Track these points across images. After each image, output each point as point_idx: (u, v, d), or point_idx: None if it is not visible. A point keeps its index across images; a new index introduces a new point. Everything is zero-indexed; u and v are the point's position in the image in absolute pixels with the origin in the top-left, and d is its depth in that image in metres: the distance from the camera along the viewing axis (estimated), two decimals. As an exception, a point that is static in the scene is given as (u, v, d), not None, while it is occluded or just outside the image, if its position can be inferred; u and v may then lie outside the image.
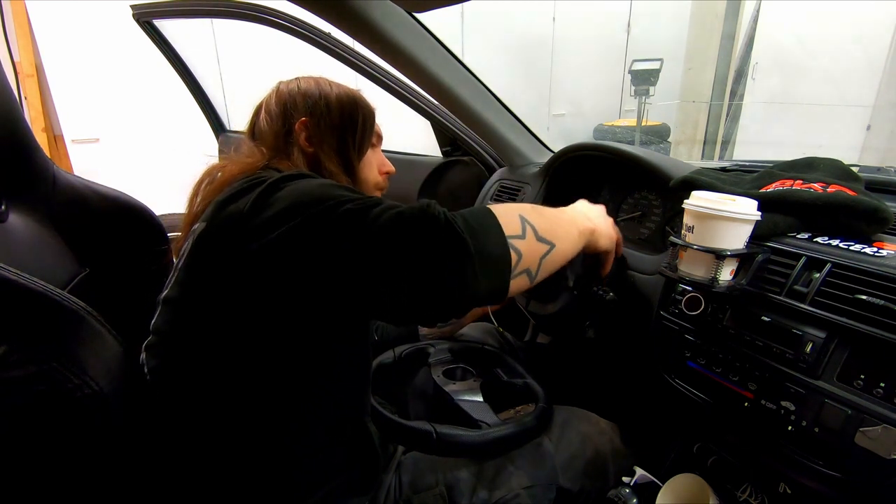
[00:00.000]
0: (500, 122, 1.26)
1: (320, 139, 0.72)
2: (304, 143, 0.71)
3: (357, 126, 0.74)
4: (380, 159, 0.81)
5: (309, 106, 0.72)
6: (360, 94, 0.77)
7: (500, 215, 0.54)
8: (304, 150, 0.71)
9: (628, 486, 0.78)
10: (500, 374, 0.93)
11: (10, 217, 0.62)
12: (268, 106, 0.74)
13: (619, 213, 1.12)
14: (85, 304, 0.49)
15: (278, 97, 0.73)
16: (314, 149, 0.71)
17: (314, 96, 0.73)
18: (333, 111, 0.73)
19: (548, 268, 0.59)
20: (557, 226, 0.62)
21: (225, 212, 0.56)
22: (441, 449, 0.72)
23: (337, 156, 0.73)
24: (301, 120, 0.71)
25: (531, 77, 4.81)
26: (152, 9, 1.43)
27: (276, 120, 0.72)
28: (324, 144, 0.72)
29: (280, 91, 0.74)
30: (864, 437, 0.54)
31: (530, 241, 0.56)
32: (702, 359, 0.72)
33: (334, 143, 0.72)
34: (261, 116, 0.74)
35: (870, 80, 3.67)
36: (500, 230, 0.53)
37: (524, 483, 0.74)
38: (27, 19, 2.65)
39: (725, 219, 0.62)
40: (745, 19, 4.39)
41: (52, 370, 0.41)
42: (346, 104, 0.74)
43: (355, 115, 0.74)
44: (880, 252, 0.62)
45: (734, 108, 4.51)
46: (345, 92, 0.75)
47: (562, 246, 0.61)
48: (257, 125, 0.74)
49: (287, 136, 0.71)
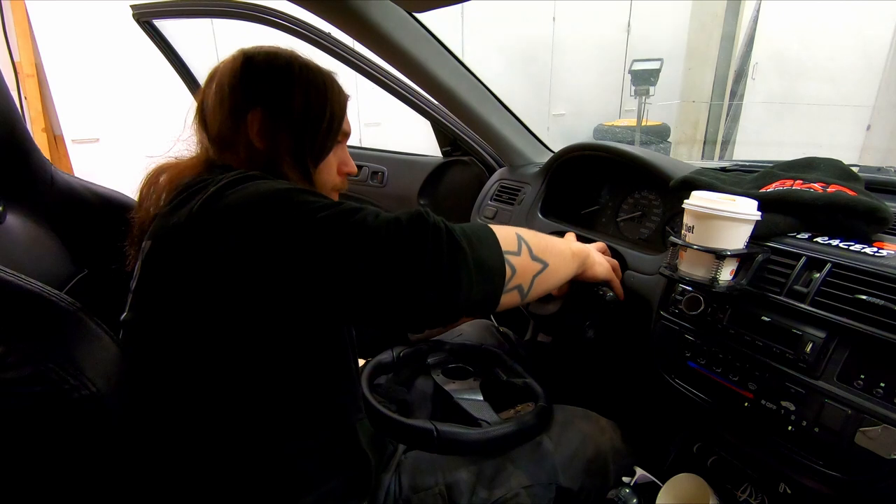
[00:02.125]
0: (500, 122, 1.26)
1: (274, 136, 0.62)
2: (254, 137, 0.62)
3: (320, 125, 0.64)
4: (341, 157, 0.71)
5: (266, 92, 0.62)
6: (333, 79, 0.67)
7: (496, 231, 0.54)
8: (254, 146, 0.62)
9: (628, 486, 0.78)
10: (500, 373, 0.93)
11: (7, 218, 0.61)
12: (220, 80, 0.63)
13: (619, 213, 1.12)
14: (82, 304, 0.49)
15: (234, 71, 0.62)
16: (265, 144, 0.62)
17: (275, 80, 0.62)
18: (295, 104, 0.62)
19: (540, 287, 0.61)
20: (552, 247, 0.64)
21: (169, 226, 0.53)
22: (442, 447, 0.72)
23: (291, 157, 0.63)
24: (255, 110, 0.61)
25: (531, 77, 4.81)
26: (152, 9, 1.43)
27: (226, 101, 0.62)
28: (277, 143, 0.62)
29: (238, 63, 0.63)
30: (864, 437, 0.54)
31: (525, 258, 0.57)
32: (702, 359, 0.72)
33: (290, 143, 0.63)
34: (211, 89, 0.63)
35: (870, 80, 3.67)
36: (497, 243, 0.54)
37: (524, 482, 0.73)
38: (27, 19, 2.65)
39: (725, 219, 0.62)
40: (745, 19, 4.39)
41: (48, 371, 0.41)
42: (312, 97, 0.63)
43: (321, 112, 0.64)
44: (880, 252, 0.61)
45: (734, 108, 4.51)
46: (314, 79, 0.65)
47: (555, 265, 0.62)
48: (206, 101, 0.64)
49: (236, 124, 0.61)
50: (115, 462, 0.54)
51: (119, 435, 0.52)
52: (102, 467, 0.52)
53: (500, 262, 0.53)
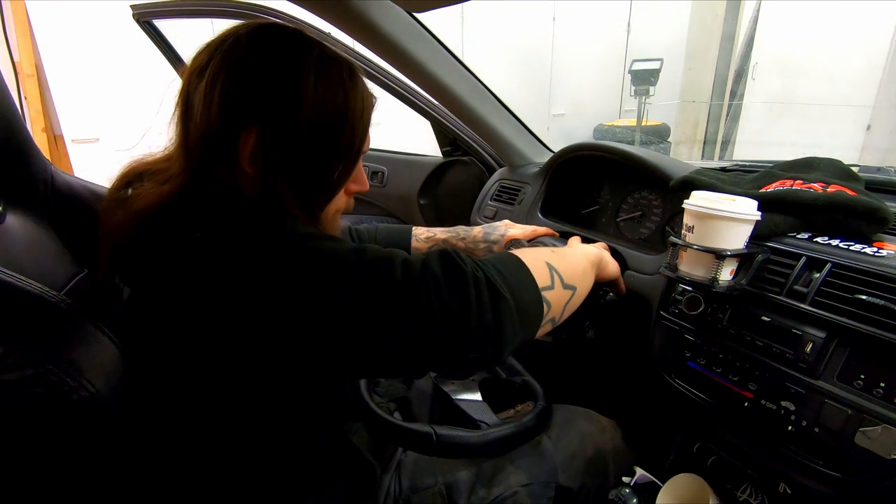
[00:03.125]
0: (500, 122, 1.26)
1: (274, 160, 0.49)
2: (246, 160, 0.48)
3: (338, 148, 0.51)
4: (354, 175, 0.57)
5: (268, 105, 0.47)
6: (358, 76, 0.53)
7: (531, 267, 0.51)
8: (244, 171, 0.49)
9: (628, 486, 0.78)
10: (499, 371, 0.93)
11: (7, 218, 0.61)
12: (213, 75, 0.47)
13: (619, 213, 1.12)
14: (82, 305, 0.49)
15: (228, 65, 0.48)
16: (258, 170, 0.49)
17: (282, 87, 0.48)
18: (305, 119, 0.48)
19: (569, 312, 0.59)
20: (577, 266, 0.62)
21: (150, 277, 0.47)
22: (441, 450, 0.72)
23: (294, 189, 0.50)
24: (251, 128, 0.48)
25: (531, 77, 4.82)
26: (152, 9, 1.43)
27: (214, 108, 0.47)
28: (278, 171, 0.49)
29: (232, 54, 0.48)
30: (864, 437, 0.54)
31: (557, 290, 0.55)
32: (702, 359, 0.72)
33: (294, 170, 0.50)
34: (199, 89, 0.48)
35: (870, 80, 3.67)
36: (535, 285, 0.51)
37: (522, 481, 0.73)
38: (27, 19, 2.65)
39: (725, 219, 0.62)
40: (745, 19, 4.39)
41: (48, 372, 0.41)
42: (329, 109, 0.49)
43: (339, 130, 0.50)
44: (880, 252, 0.61)
45: (734, 108, 4.52)
46: (333, 84, 0.50)
47: (581, 288, 0.61)
48: (189, 99, 0.49)
49: (225, 141, 0.48)
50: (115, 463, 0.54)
51: (119, 436, 0.52)
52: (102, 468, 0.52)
53: (540, 305, 0.51)
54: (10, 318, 0.44)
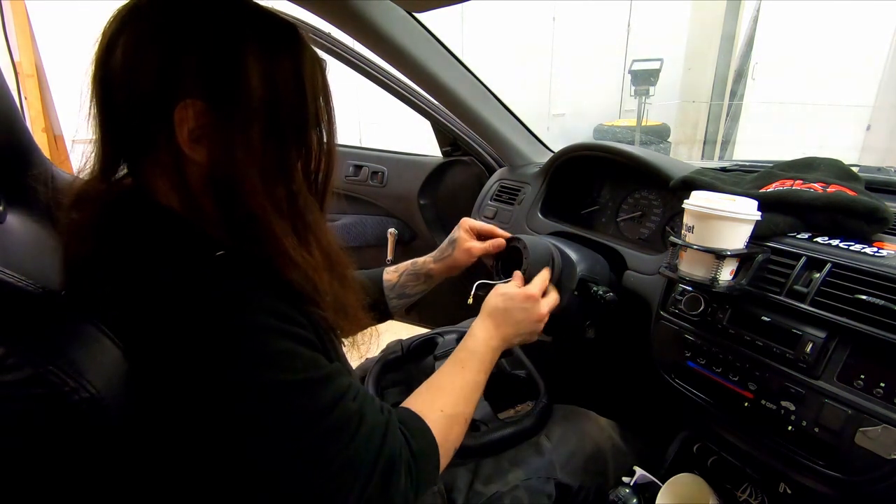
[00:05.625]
0: (500, 122, 1.26)
1: (225, 141, 0.39)
2: (185, 142, 0.39)
3: (307, 114, 0.43)
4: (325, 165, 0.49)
5: (212, 70, 0.38)
6: (301, 34, 0.44)
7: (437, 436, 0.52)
8: (186, 157, 0.40)
9: (628, 485, 0.78)
10: (504, 364, 0.93)
11: (7, 218, 0.61)
12: (139, 35, 0.39)
13: (619, 213, 1.12)
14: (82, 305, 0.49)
15: (155, 23, 0.39)
16: (201, 156, 0.40)
17: (219, 50, 0.38)
18: (250, 84, 0.39)
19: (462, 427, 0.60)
20: (472, 395, 0.62)
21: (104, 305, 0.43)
22: None
23: (268, 184, 0.41)
24: (189, 102, 0.38)
25: (531, 77, 4.82)
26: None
27: (143, 77, 0.38)
28: (234, 155, 0.40)
29: (152, 17, 0.39)
30: (864, 437, 0.54)
31: (457, 429, 0.57)
32: (702, 359, 0.72)
33: (260, 152, 0.41)
34: (117, 54, 0.39)
35: (870, 80, 3.67)
36: (438, 459, 0.53)
37: (520, 477, 0.74)
38: (27, 19, 2.65)
39: (725, 219, 0.62)
40: (745, 19, 4.40)
41: (48, 373, 0.41)
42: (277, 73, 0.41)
43: (304, 93, 0.42)
44: (880, 252, 0.61)
45: (734, 108, 4.52)
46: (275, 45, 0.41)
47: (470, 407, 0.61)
48: (109, 66, 0.40)
49: (156, 120, 0.39)
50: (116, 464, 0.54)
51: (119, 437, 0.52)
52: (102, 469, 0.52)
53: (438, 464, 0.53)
54: (10, 318, 0.44)
